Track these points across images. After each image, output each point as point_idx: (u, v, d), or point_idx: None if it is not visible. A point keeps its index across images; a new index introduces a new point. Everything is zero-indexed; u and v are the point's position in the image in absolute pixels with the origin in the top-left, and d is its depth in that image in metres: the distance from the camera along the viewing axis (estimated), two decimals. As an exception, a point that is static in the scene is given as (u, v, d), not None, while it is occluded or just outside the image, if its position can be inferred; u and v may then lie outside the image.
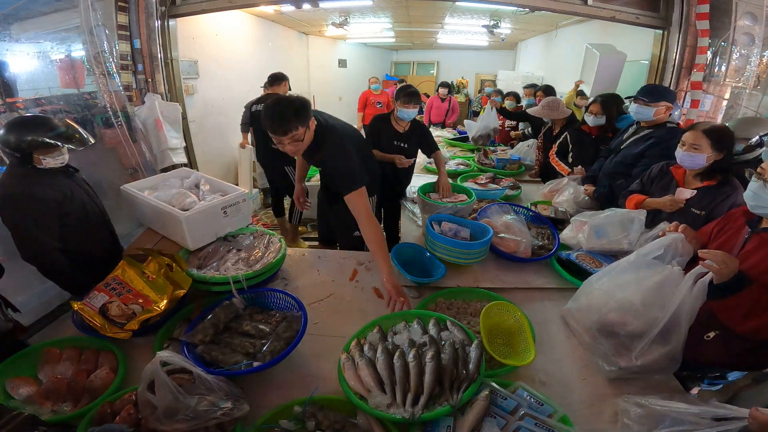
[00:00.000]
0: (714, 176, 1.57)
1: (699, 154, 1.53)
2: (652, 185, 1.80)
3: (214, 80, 4.66)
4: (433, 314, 1.31)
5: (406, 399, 1.01)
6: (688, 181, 1.65)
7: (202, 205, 1.64)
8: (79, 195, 1.76)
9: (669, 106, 2.01)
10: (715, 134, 1.52)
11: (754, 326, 1.13)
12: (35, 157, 1.55)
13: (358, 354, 1.14)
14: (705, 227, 1.39)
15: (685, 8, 3.16)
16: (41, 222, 1.56)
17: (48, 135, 1.56)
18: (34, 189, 1.55)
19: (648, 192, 1.80)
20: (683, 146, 1.58)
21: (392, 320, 1.32)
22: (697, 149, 1.53)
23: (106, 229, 1.97)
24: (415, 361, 1.07)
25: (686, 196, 1.60)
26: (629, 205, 1.80)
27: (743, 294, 1.10)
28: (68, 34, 2.82)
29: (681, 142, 1.60)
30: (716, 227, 1.34)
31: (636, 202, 1.77)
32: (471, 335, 1.22)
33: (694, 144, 1.54)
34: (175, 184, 1.86)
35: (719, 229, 1.33)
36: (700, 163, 1.55)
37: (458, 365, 1.08)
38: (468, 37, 7.70)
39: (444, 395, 1.02)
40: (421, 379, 1.04)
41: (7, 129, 1.53)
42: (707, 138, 1.51)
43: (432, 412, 0.98)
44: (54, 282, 1.68)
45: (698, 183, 1.61)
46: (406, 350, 1.13)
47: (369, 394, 1.04)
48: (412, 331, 1.26)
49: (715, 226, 1.35)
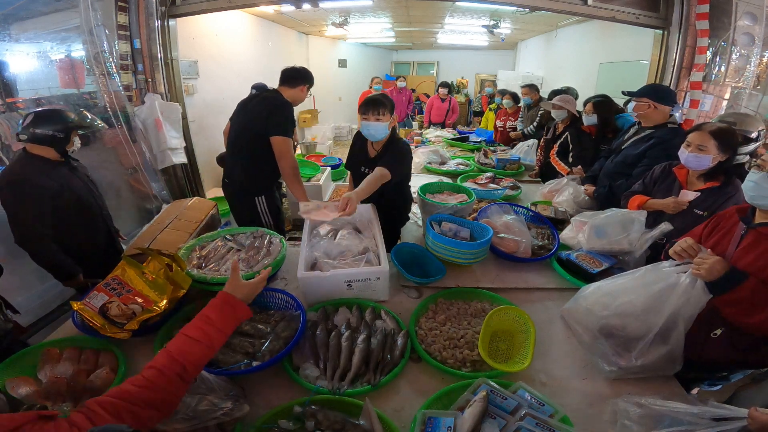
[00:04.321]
0: (717, 177, 1.56)
1: (705, 155, 1.53)
2: (654, 186, 1.80)
3: (214, 80, 4.66)
4: (371, 304, 1.45)
5: (335, 374, 1.14)
6: (692, 182, 1.65)
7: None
8: (78, 188, 1.87)
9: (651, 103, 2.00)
10: (721, 135, 1.51)
11: (758, 321, 1.13)
12: (71, 138, 1.82)
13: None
14: (695, 229, 1.38)
15: (685, 8, 3.17)
16: (36, 209, 1.69)
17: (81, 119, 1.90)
18: (33, 176, 1.69)
19: (650, 193, 1.80)
20: (689, 147, 1.57)
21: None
22: (704, 150, 1.53)
23: (103, 223, 2.03)
24: (348, 342, 1.21)
25: (690, 198, 1.60)
26: (631, 205, 1.80)
27: (742, 289, 1.11)
28: (68, 34, 2.83)
29: (686, 142, 1.59)
30: (707, 228, 1.34)
31: (638, 203, 1.77)
32: (402, 325, 1.35)
33: (700, 145, 1.53)
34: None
35: (711, 230, 1.32)
36: (706, 164, 1.54)
37: (384, 350, 1.21)
38: (468, 37, 7.70)
39: (367, 375, 1.15)
40: (351, 358, 1.17)
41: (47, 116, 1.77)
42: (714, 139, 1.51)
43: (355, 389, 1.10)
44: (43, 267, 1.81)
45: (701, 184, 1.60)
46: (343, 331, 1.26)
47: (302, 365, 1.17)
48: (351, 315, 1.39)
49: (705, 227, 1.35)
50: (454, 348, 1.25)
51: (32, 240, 1.71)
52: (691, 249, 1.22)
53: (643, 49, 3.76)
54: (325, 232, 1.76)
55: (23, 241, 1.71)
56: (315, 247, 1.61)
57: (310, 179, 3.77)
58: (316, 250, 1.58)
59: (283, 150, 2.17)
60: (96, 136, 2.94)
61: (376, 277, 1.46)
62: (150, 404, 0.74)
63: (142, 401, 0.73)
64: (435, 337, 1.30)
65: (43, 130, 1.72)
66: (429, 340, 1.29)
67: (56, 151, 1.80)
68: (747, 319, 1.15)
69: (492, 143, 4.25)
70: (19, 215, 1.68)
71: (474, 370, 1.20)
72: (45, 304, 2.34)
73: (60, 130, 1.76)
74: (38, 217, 1.69)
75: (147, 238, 2.27)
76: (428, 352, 1.25)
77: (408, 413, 1.06)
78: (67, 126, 1.79)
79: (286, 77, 2.33)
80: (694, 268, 1.15)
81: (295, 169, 2.24)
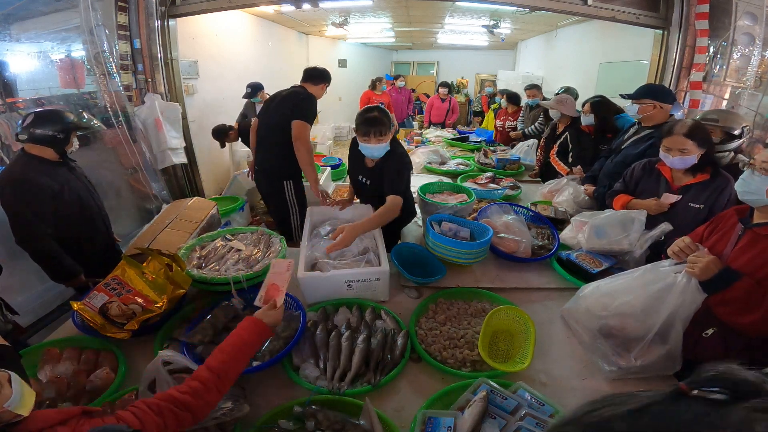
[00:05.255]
0: (705, 169, 1.58)
1: (689, 156, 1.55)
2: (637, 185, 1.81)
3: (214, 80, 4.66)
4: (371, 304, 1.44)
5: (335, 374, 1.13)
6: (678, 177, 1.67)
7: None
8: (77, 188, 1.87)
9: (656, 104, 2.01)
10: (694, 133, 1.53)
11: (751, 322, 1.13)
12: (71, 139, 1.83)
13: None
14: (697, 230, 1.39)
15: (684, 8, 3.16)
16: (36, 208, 1.69)
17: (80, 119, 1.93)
18: (34, 176, 1.70)
19: (632, 191, 1.81)
20: (670, 152, 1.58)
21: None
22: (686, 152, 1.55)
23: (102, 224, 2.04)
24: (348, 342, 1.21)
25: (671, 200, 1.63)
26: (616, 205, 1.82)
27: (735, 289, 1.11)
28: (68, 34, 2.83)
29: (665, 147, 1.60)
30: (707, 229, 1.35)
31: (622, 203, 1.79)
32: (402, 325, 1.34)
33: (681, 149, 1.55)
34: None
35: (711, 231, 1.33)
36: (692, 162, 1.57)
37: (384, 350, 1.21)
38: (468, 37, 7.70)
39: (367, 375, 1.14)
40: (351, 358, 1.17)
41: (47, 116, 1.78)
42: (690, 140, 1.53)
43: (355, 389, 1.10)
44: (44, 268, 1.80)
45: (690, 178, 1.62)
46: (343, 331, 1.26)
47: (302, 365, 1.17)
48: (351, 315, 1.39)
49: (706, 228, 1.35)
50: (454, 348, 1.26)
51: (33, 240, 1.70)
52: (688, 248, 1.23)
53: (643, 49, 3.76)
54: (326, 232, 1.76)
55: (24, 241, 1.70)
56: (315, 247, 1.61)
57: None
58: (317, 251, 1.58)
59: (300, 131, 2.37)
60: (96, 136, 2.94)
61: (377, 278, 1.45)
62: (190, 409, 0.82)
63: (184, 405, 0.81)
64: (435, 337, 1.30)
65: (43, 131, 1.72)
66: (429, 340, 1.29)
67: (55, 152, 1.80)
68: (740, 319, 1.15)
69: (492, 143, 4.25)
70: (20, 215, 1.67)
71: (474, 370, 1.20)
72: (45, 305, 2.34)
73: (60, 130, 1.77)
74: (39, 217, 1.69)
75: (147, 238, 2.27)
76: (428, 352, 1.25)
77: (408, 413, 1.06)
78: (67, 126, 1.79)
79: (310, 75, 2.60)
80: (688, 267, 1.15)
81: (309, 152, 2.43)
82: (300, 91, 2.55)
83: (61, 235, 1.77)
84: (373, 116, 1.71)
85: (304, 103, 2.45)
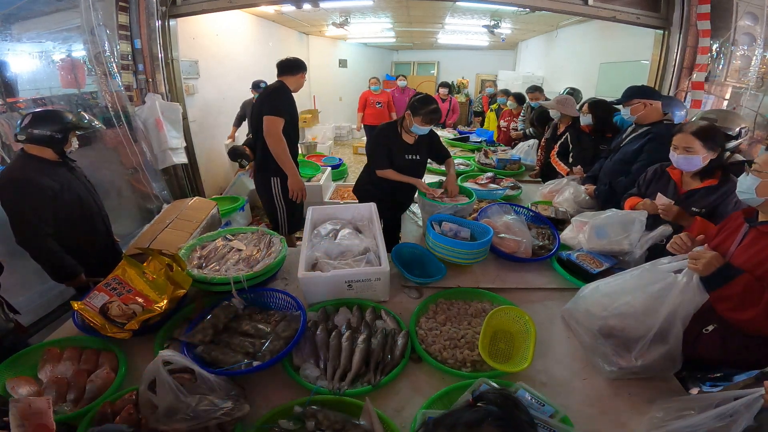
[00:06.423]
0: (714, 174, 1.57)
1: (694, 155, 1.54)
2: (648, 188, 1.81)
3: (214, 80, 4.66)
4: (371, 304, 1.45)
5: (335, 374, 1.14)
6: (686, 181, 1.66)
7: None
8: (77, 188, 1.88)
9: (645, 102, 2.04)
10: (704, 134, 1.52)
11: (749, 318, 1.13)
12: (69, 139, 1.82)
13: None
14: (709, 232, 1.40)
15: (685, 8, 3.16)
16: (37, 208, 1.69)
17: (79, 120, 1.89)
18: (34, 176, 1.70)
19: (644, 194, 1.82)
20: (676, 150, 1.58)
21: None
22: (691, 151, 1.54)
23: (102, 224, 2.05)
24: (348, 342, 1.21)
25: (664, 201, 1.63)
26: (626, 207, 1.83)
27: (735, 285, 1.11)
28: (69, 34, 2.83)
29: (673, 145, 1.60)
30: (718, 228, 1.36)
31: (631, 205, 1.80)
32: (402, 325, 1.34)
33: (687, 147, 1.55)
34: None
35: (719, 230, 1.35)
36: (697, 164, 1.55)
37: (385, 350, 1.22)
38: (468, 37, 7.70)
39: (368, 375, 1.15)
40: (351, 358, 1.17)
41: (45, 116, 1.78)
42: (698, 139, 1.52)
43: (355, 389, 1.10)
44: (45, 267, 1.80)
45: (698, 182, 1.61)
46: (343, 331, 1.27)
47: (302, 365, 1.17)
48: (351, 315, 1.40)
49: (719, 228, 1.37)
50: (455, 348, 1.25)
51: (34, 240, 1.70)
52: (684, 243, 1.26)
53: (644, 49, 3.76)
54: (326, 232, 1.76)
55: (24, 241, 1.70)
56: (316, 247, 1.61)
57: (311, 179, 3.77)
58: (317, 251, 1.58)
59: (269, 126, 2.40)
60: (97, 136, 2.95)
61: (377, 278, 1.45)
62: None
63: None
64: (435, 337, 1.30)
65: (41, 131, 1.72)
66: (429, 340, 1.29)
67: (54, 152, 1.80)
68: (739, 315, 1.15)
69: (492, 143, 4.25)
70: (20, 215, 1.67)
71: (474, 370, 1.20)
72: (46, 304, 2.34)
73: (58, 130, 1.76)
74: (39, 217, 1.69)
75: (147, 237, 2.27)
76: (428, 352, 1.25)
77: (408, 413, 1.06)
78: (65, 127, 1.79)
79: (286, 67, 2.60)
80: (691, 263, 1.16)
81: (280, 145, 2.44)
82: (271, 85, 2.60)
83: (61, 235, 1.77)
84: (435, 109, 2.13)
85: (271, 96, 2.47)
